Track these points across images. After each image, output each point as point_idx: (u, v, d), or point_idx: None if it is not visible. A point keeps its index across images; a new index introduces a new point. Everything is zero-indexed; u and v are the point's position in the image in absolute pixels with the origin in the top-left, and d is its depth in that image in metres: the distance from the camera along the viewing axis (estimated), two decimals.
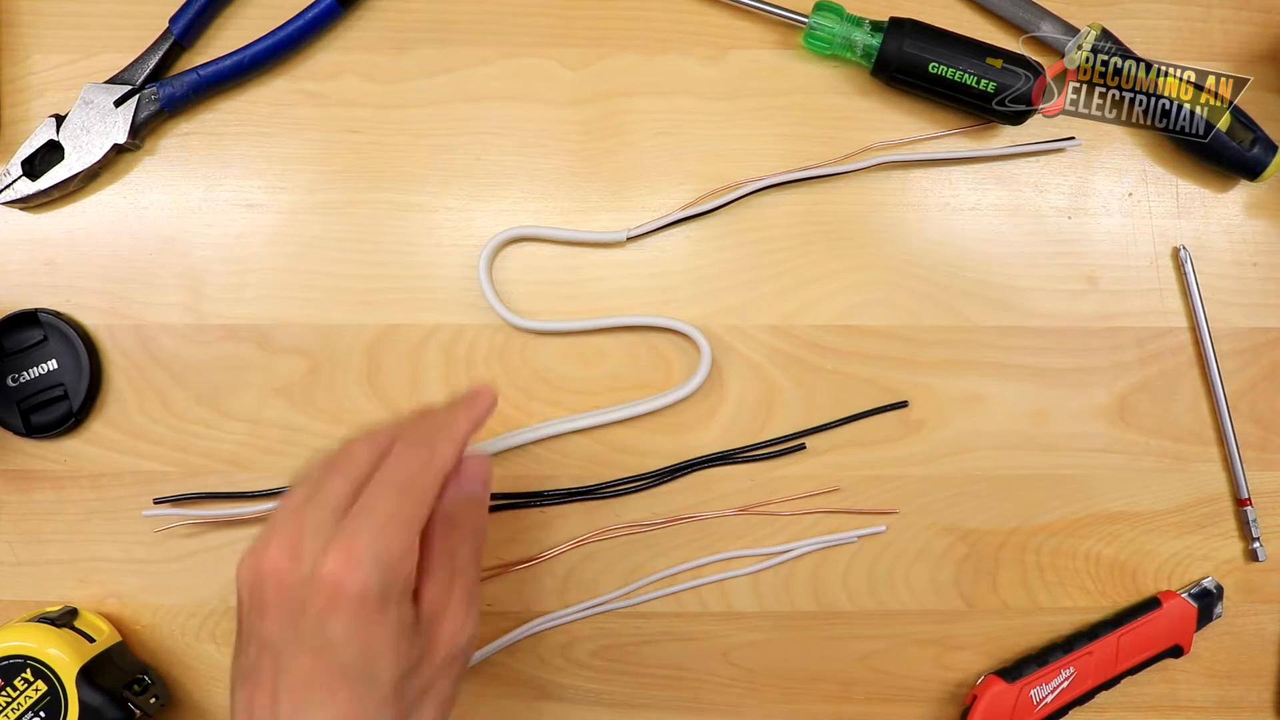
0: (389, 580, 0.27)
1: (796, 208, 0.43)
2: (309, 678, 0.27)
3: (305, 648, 0.27)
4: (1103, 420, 0.44)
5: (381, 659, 0.27)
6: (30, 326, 0.41)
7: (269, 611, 0.28)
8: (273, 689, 0.27)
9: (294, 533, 0.28)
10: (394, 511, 0.28)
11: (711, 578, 0.43)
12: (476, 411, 0.32)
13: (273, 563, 0.28)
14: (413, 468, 0.30)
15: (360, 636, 0.27)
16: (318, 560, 0.27)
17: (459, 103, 0.42)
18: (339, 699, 0.27)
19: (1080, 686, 0.42)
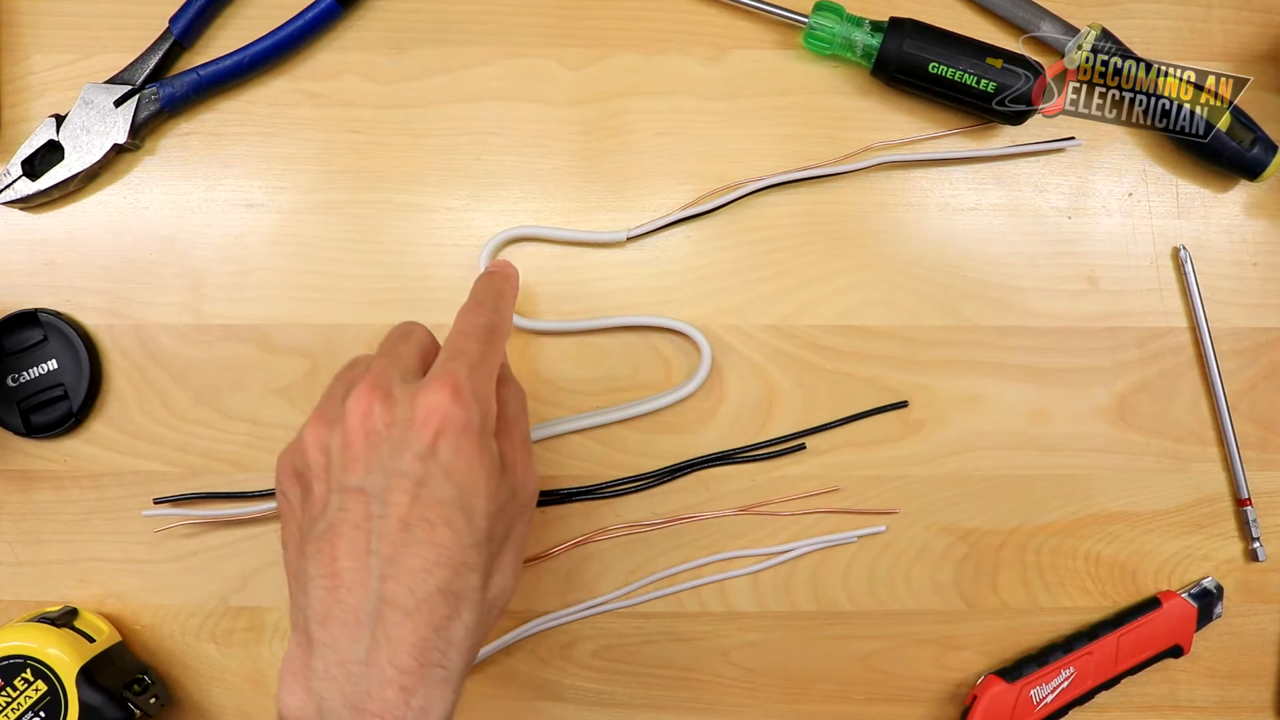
0: (487, 417, 0.29)
1: (796, 208, 0.43)
2: (407, 517, 0.27)
3: (406, 482, 0.27)
4: (1103, 420, 0.44)
5: (478, 494, 0.28)
6: (30, 326, 0.41)
7: (358, 461, 0.28)
8: (364, 537, 0.27)
9: (379, 387, 0.29)
10: (481, 356, 0.31)
11: (711, 578, 0.43)
12: (514, 281, 0.37)
13: (362, 413, 0.28)
14: (487, 322, 0.32)
15: (463, 465, 0.28)
16: (416, 400, 0.28)
17: (459, 103, 0.42)
18: (439, 536, 0.27)
19: (1080, 686, 0.42)
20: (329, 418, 0.29)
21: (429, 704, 0.27)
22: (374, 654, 0.26)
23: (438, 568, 0.27)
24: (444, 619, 0.27)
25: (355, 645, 0.26)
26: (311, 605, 0.27)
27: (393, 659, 0.26)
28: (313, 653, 0.27)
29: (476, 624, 0.28)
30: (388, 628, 0.26)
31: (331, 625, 0.27)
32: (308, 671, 0.27)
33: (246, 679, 0.42)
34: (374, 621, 0.26)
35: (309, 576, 0.28)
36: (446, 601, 0.27)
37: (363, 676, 0.26)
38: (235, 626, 0.42)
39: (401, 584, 0.27)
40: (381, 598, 0.26)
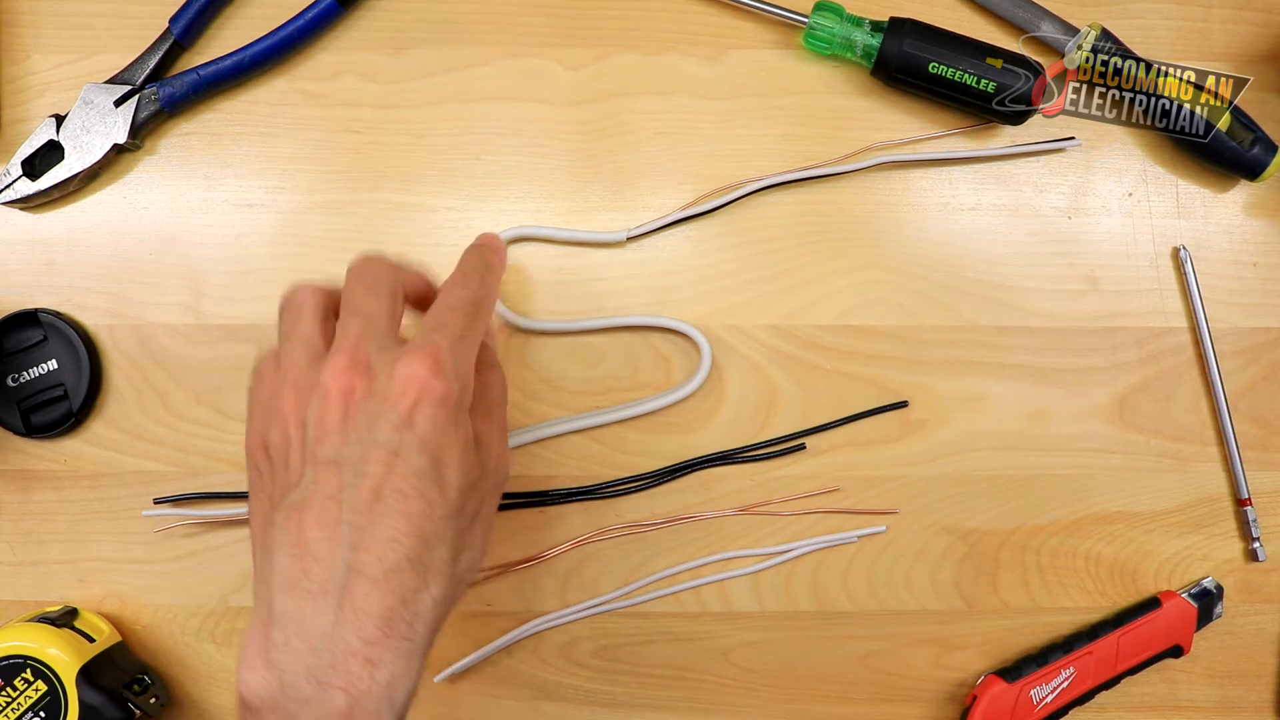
0: (465, 392, 0.29)
1: (796, 208, 0.43)
2: (380, 487, 0.27)
3: (381, 453, 0.27)
4: (1103, 420, 0.44)
5: (451, 466, 0.28)
6: (30, 326, 0.41)
7: (335, 434, 0.28)
8: (335, 508, 0.27)
9: (359, 360, 0.28)
10: (464, 331, 0.30)
11: (711, 578, 0.43)
12: (502, 255, 0.36)
13: (343, 389, 0.28)
14: (473, 295, 0.32)
15: (438, 437, 0.27)
16: (394, 370, 0.28)
17: (459, 103, 0.42)
18: (411, 506, 0.27)
19: (1080, 686, 0.42)
20: (302, 386, 0.29)
21: (395, 677, 0.26)
22: (339, 625, 0.26)
23: (408, 538, 0.27)
24: (412, 590, 0.27)
25: (320, 616, 0.26)
26: (277, 575, 0.27)
27: (359, 630, 0.26)
28: (273, 625, 0.27)
29: (444, 597, 0.28)
30: (355, 598, 0.26)
31: (297, 595, 0.26)
32: (267, 645, 0.27)
33: None
34: (341, 592, 0.26)
35: (276, 546, 0.27)
36: (415, 572, 0.27)
37: (327, 649, 0.26)
38: (235, 626, 0.42)
39: (371, 553, 0.26)
40: (350, 567, 0.26)
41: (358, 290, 0.31)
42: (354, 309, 0.30)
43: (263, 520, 0.29)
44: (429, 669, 0.42)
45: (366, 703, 0.26)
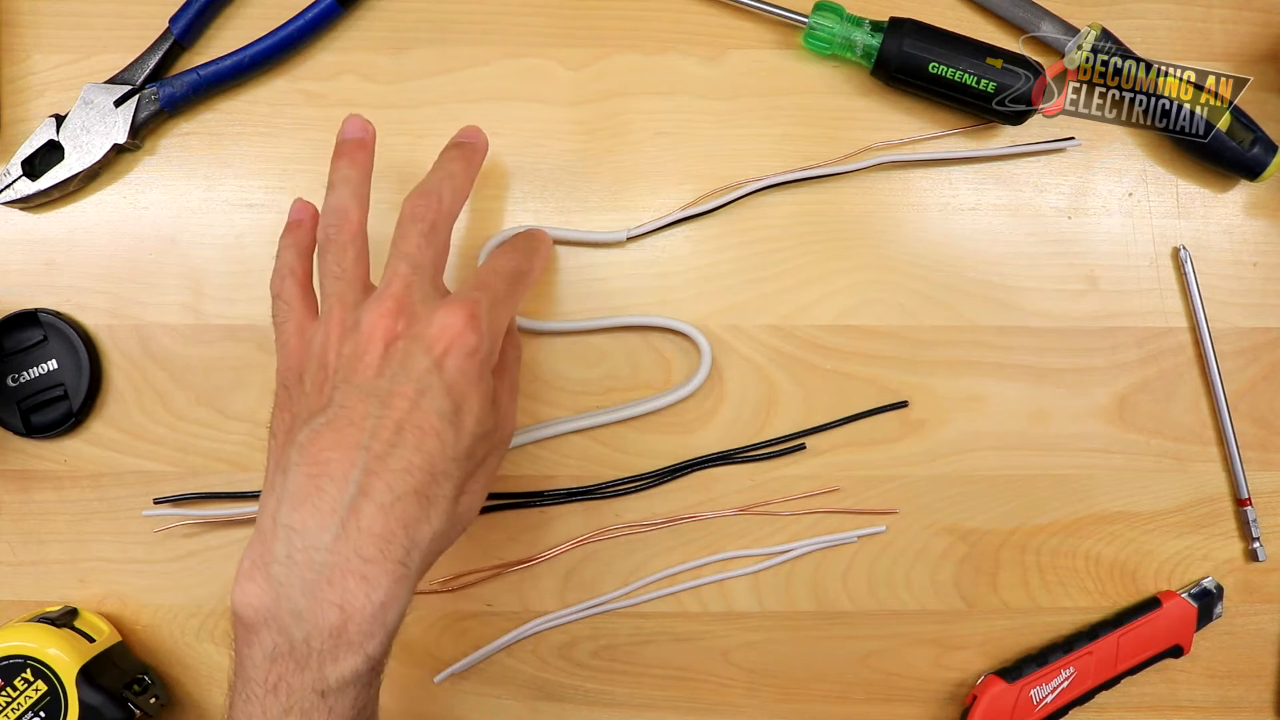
0: (493, 350, 0.31)
1: (796, 208, 0.43)
2: (402, 421, 0.28)
3: (409, 390, 0.29)
4: (1103, 420, 0.44)
5: (470, 413, 0.30)
6: (30, 326, 0.41)
7: (371, 369, 0.29)
8: (357, 434, 0.28)
9: (405, 306, 0.30)
10: (504, 296, 0.33)
11: (711, 578, 0.43)
12: (549, 243, 0.38)
13: (386, 329, 0.30)
14: (518, 267, 0.34)
15: (463, 385, 0.29)
16: (434, 316, 0.30)
17: (459, 103, 0.42)
18: (427, 443, 0.28)
19: (1080, 686, 0.42)
20: (346, 325, 0.31)
21: (388, 599, 0.27)
22: (340, 541, 0.27)
23: (419, 471, 0.28)
24: (414, 519, 0.28)
25: (323, 532, 0.27)
26: (289, 489, 0.28)
27: (359, 548, 0.27)
28: (276, 538, 0.28)
29: (442, 532, 0.29)
30: (360, 519, 0.27)
31: (304, 510, 0.28)
32: (268, 558, 0.28)
33: None
34: (347, 511, 0.27)
35: (292, 463, 0.29)
36: (420, 504, 0.28)
37: (325, 564, 0.27)
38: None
39: (382, 480, 0.28)
40: (361, 489, 0.27)
41: (412, 233, 0.32)
42: (406, 253, 0.32)
43: (282, 437, 0.32)
44: (429, 668, 0.42)
45: (359, 620, 0.27)
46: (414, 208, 0.33)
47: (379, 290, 0.31)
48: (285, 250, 0.35)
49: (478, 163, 0.36)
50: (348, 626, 0.27)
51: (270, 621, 0.27)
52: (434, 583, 0.42)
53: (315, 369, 0.31)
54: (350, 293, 0.32)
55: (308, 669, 0.27)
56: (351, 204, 0.34)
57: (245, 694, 0.28)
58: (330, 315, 0.32)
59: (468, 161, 0.35)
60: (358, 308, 0.31)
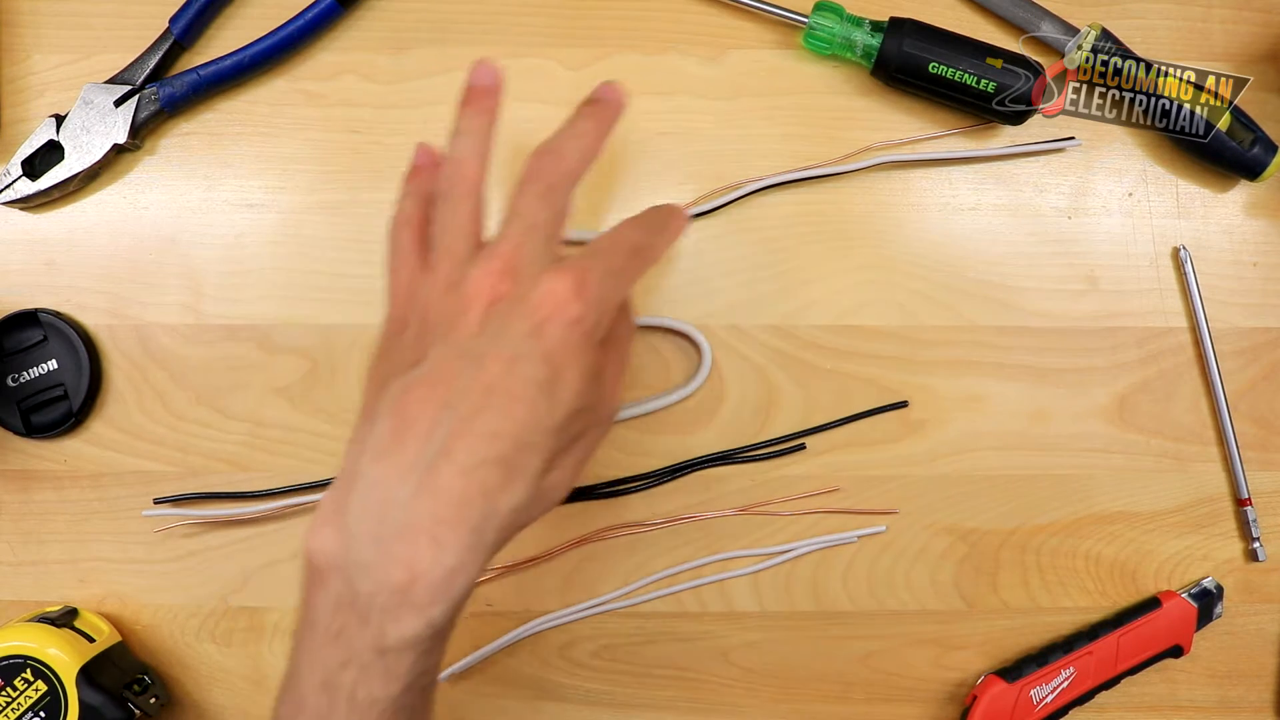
0: (600, 323, 0.29)
1: (797, 208, 0.43)
2: (493, 385, 0.27)
3: (504, 352, 0.27)
4: (1103, 420, 0.44)
5: (567, 385, 0.28)
6: (30, 326, 0.41)
7: (470, 327, 0.29)
8: (445, 392, 0.27)
9: (512, 267, 0.29)
10: (620, 268, 0.31)
11: (711, 578, 0.43)
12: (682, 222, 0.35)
13: (491, 288, 0.29)
14: (641, 241, 0.32)
15: (561, 355, 0.28)
16: (539, 281, 0.28)
17: None
18: (516, 410, 0.27)
19: (1080, 686, 0.42)
20: (453, 280, 0.30)
21: (457, 566, 0.26)
22: (417, 499, 0.26)
23: (505, 438, 0.27)
24: (495, 488, 0.27)
25: (401, 487, 0.27)
26: (374, 438, 0.28)
27: (433, 508, 0.26)
28: (354, 488, 0.27)
29: (523, 505, 0.28)
30: (438, 478, 0.26)
31: (385, 463, 0.27)
32: (345, 505, 0.27)
33: (246, 679, 0.42)
34: (426, 469, 0.27)
35: (380, 413, 0.28)
36: (501, 472, 0.27)
37: (399, 518, 0.26)
38: (235, 626, 0.42)
39: (464, 442, 0.27)
40: (443, 449, 0.27)
41: (529, 193, 0.31)
42: (520, 212, 0.31)
43: (377, 385, 0.30)
44: None
45: (425, 582, 0.26)
46: (535, 165, 0.31)
47: (488, 248, 0.30)
48: (406, 197, 0.34)
49: (610, 122, 0.34)
50: (413, 587, 0.26)
51: (339, 569, 0.27)
52: None
53: (418, 321, 0.30)
54: (460, 247, 0.31)
55: (369, 624, 0.26)
56: (470, 155, 0.32)
57: (308, 638, 0.28)
58: (438, 269, 0.31)
59: (599, 121, 0.33)
60: (466, 263, 0.30)
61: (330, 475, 0.41)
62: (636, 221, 0.33)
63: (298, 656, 0.28)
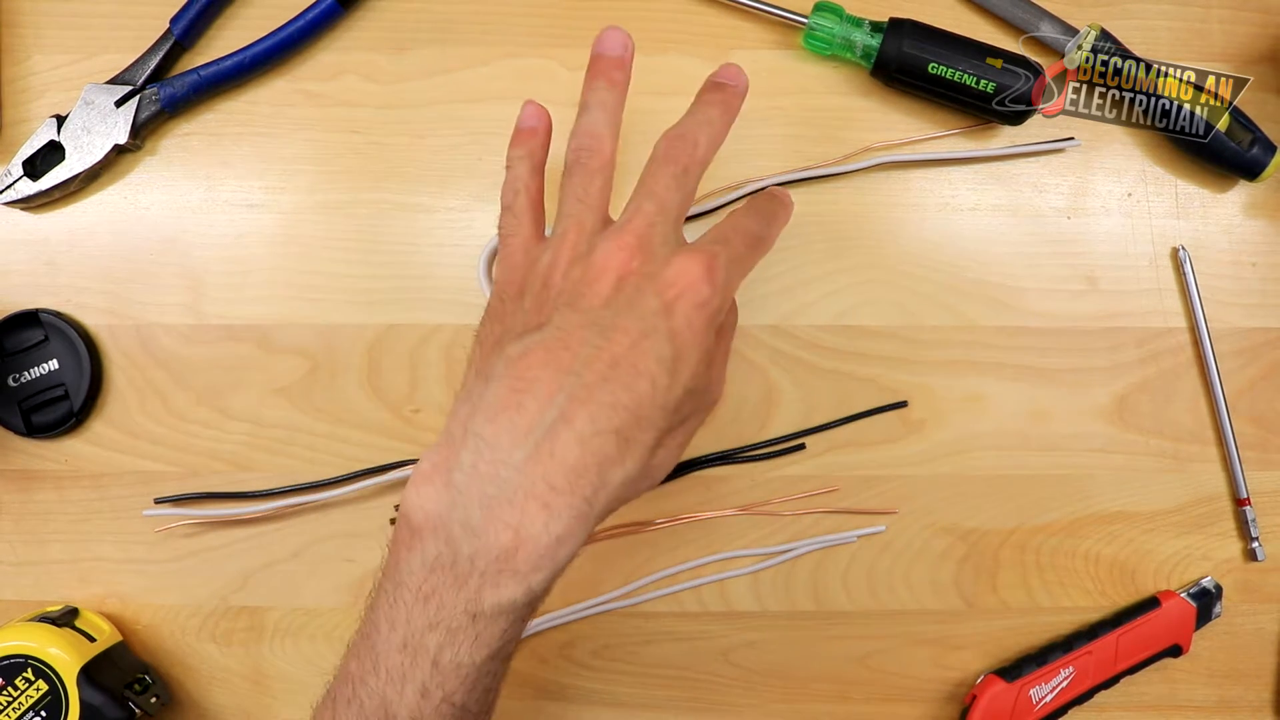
0: (722, 308, 0.30)
1: (797, 208, 0.43)
2: (619, 357, 0.27)
3: (633, 327, 0.28)
4: (1102, 420, 0.44)
5: (687, 365, 0.28)
6: (31, 327, 0.41)
7: (598, 297, 0.28)
8: (569, 359, 0.27)
9: (645, 243, 0.29)
10: (741, 255, 0.31)
11: (711, 577, 0.43)
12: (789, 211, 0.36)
13: (622, 261, 0.29)
14: (758, 230, 0.33)
15: (688, 334, 0.28)
16: (671, 261, 0.29)
17: (459, 103, 0.42)
18: (639, 385, 0.27)
19: (1079, 686, 0.42)
20: (580, 250, 0.30)
21: (565, 533, 0.26)
22: (531, 463, 0.26)
23: (625, 411, 0.27)
24: (610, 458, 0.27)
25: (515, 449, 0.26)
26: (488, 399, 0.27)
27: (547, 475, 0.26)
28: (465, 447, 0.27)
29: (631, 479, 0.28)
30: (555, 444, 0.26)
31: (500, 423, 0.27)
32: (452, 464, 0.27)
33: (247, 679, 0.42)
34: (545, 434, 0.26)
35: (496, 373, 0.28)
36: (619, 444, 0.27)
37: (510, 481, 0.26)
38: (236, 626, 0.42)
39: (586, 410, 0.27)
40: (563, 415, 0.26)
41: (663, 174, 0.31)
42: (654, 192, 0.31)
43: (490, 347, 0.30)
44: None
45: (531, 548, 0.26)
46: (669, 148, 0.32)
47: (620, 222, 0.30)
48: (518, 162, 0.34)
49: (736, 107, 0.34)
50: (518, 553, 0.26)
51: (439, 529, 0.26)
52: None
53: (539, 287, 0.30)
54: (590, 219, 0.31)
55: (465, 587, 0.26)
56: (606, 130, 0.32)
57: (393, 596, 0.27)
58: (565, 237, 0.30)
59: (726, 107, 0.33)
60: (595, 235, 0.30)
61: (330, 475, 0.42)
62: (751, 210, 0.34)
63: (375, 614, 0.28)
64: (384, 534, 0.42)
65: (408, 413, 0.42)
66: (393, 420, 0.42)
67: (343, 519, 0.42)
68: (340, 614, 0.42)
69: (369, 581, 0.42)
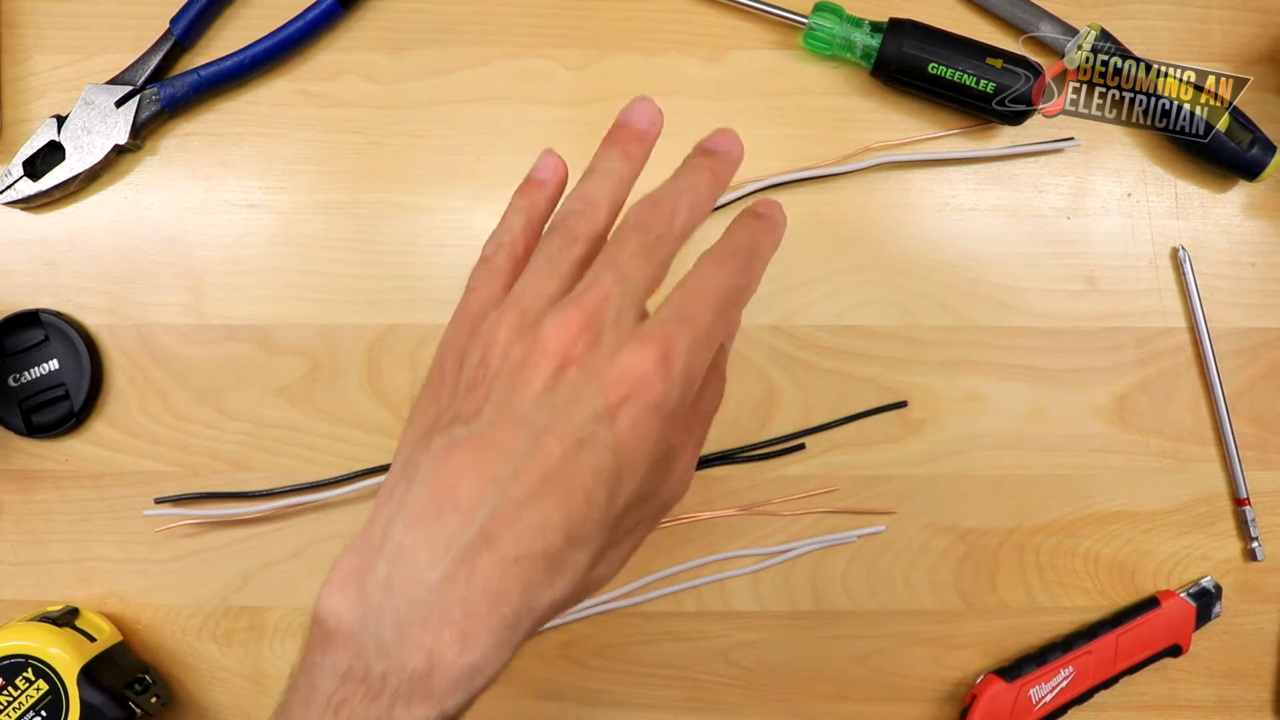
0: (684, 398, 0.26)
1: (796, 208, 0.43)
2: (552, 470, 0.24)
3: (569, 436, 0.24)
4: (1102, 420, 0.44)
5: (633, 477, 0.25)
6: (31, 327, 0.41)
7: (534, 388, 0.25)
8: (498, 466, 0.24)
9: (594, 322, 0.25)
10: (708, 329, 0.26)
11: (711, 577, 0.43)
12: (778, 234, 0.30)
13: (564, 343, 0.25)
14: (732, 284, 0.28)
15: (634, 443, 0.25)
16: (618, 354, 0.25)
17: (459, 103, 0.42)
18: (573, 503, 0.24)
19: (1079, 686, 0.42)
20: (528, 320, 0.26)
21: (482, 661, 0.24)
22: (448, 584, 0.24)
23: (555, 532, 0.24)
24: (536, 583, 0.24)
25: (433, 567, 0.24)
26: (409, 503, 0.25)
27: (465, 600, 0.24)
28: (382, 555, 0.25)
29: (564, 601, 0.26)
30: (475, 565, 0.24)
31: (418, 533, 0.24)
32: (366, 574, 0.25)
33: (247, 679, 0.43)
34: (464, 551, 0.24)
35: (419, 473, 0.25)
36: (547, 568, 0.24)
37: (425, 601, 0.24)
38: (236, 626, 0.42)
39: (511, 530, 0.24)
40: (483, 533, 0.24)
41: (631, 242, 0.27)
42: (616, 262, 0.27)
43: (419, 435, 0.27)
44: None
45: (446, 675, 0.24)
46: (641, 214, 0.28)
47: (573, 295, 0.26)
48: (515, 213, 0.30)
49: (726, 179, 0.30)
50: (431, 677, 0.24)
51: (351, 641, 0.24)
52: None
53: (476, 362, 0.26)
54: (550, 285, 0.27)
55: (377, 703, 0.24)
56: (604, 200, 0.29)
57: (306, 696, 0.25)
58: (517, 299, 0.27)
59: (714, 176, 0.29)
60: (549, 304, 0.26)
61: (330, 475, 0.42)
62: (724, 254, 0.28)
63: (291, 711, 0.26)
64: None
65: (407, 413, 0.42)
66: (393, 420, 0.42)
67: (343, 519, 0.42)
68: None
69: None
